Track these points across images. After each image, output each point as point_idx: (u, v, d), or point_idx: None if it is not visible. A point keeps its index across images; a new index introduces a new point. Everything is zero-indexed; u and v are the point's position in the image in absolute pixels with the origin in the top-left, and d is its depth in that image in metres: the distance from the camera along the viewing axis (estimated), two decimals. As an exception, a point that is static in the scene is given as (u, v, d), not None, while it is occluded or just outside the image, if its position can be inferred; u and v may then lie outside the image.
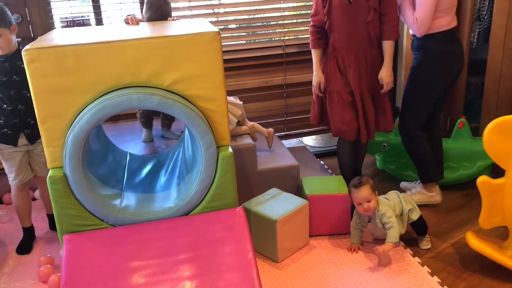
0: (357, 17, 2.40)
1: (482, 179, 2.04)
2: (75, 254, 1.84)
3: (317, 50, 2.58)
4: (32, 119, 2.20)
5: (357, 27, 2.42)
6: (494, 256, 2.08)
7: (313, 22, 2.53)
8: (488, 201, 2.07)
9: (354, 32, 2.43)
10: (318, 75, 2.58)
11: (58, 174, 1.84)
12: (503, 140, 1.96)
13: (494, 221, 2.09)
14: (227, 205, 2.00)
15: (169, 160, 2.38)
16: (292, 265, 2.27)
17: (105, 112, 1.80)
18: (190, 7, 3.05)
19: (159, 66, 1.85)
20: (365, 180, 2.25)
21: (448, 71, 2.50)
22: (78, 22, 2.94)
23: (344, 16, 2.42)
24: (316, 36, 2.54)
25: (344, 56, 2.49)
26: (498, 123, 1.96)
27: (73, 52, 1.77)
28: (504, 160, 1.99)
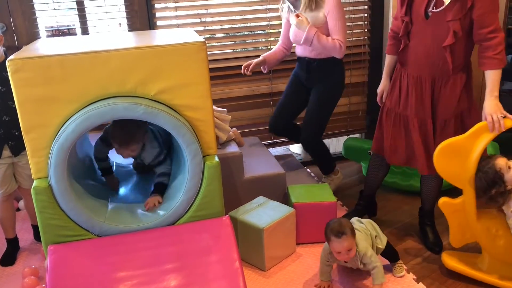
0: (433, 37, 2.05)
1: (442, 200, 2.11)
2: (60, 265, 1.82)
3: (390, 56, 2.35)
4: (17, 130, 2.16)
5: (432, 48, 2.07)
6: (471, 274, 2.13)
7: (392, 26, 2.30)
8: (453, 221, 2.11)
9: (426, 54, 2.09)
10: (383, 83, 2.40)
11: (43, 185, 1.83)
12: (452, 162, 2.00)
13: (464, 238, 2.13)
14: (214, 214, 2.00)
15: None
16: (279, 273, 2.27)
17: (91, 122, 1.80)
18: (176, 16, 3.06)
19: (145, 75, 1.86)
20: (346, 228, 1.96)
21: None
22: (63, 31, 2.93)
23: (418, 32, 2.10)
24: (392, 42, 2.31)
25: (410, 75, 2.20)
26: (443, 148, 2.01)
27: (58, 62, 1.77)
28: (458, 180, 2.02)
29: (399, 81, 2.25)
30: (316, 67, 2.73)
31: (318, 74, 2.75)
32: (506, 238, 2.00)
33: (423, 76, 2.14)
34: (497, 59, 1.97)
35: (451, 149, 2.00)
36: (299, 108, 2.94)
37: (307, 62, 2.74)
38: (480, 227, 2.03)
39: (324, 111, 2.84)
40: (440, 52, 2.04)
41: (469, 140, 1.98)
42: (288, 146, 3.96)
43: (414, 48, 2.13)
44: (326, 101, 2.82)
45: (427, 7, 2.02)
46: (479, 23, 1.96)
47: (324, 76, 2.76)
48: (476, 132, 1.97)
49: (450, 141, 2.01)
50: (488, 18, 1.94)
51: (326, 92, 2.80)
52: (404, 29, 2.13)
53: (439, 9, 1.98)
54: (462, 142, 1.98)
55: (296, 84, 2.90)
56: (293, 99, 2.91)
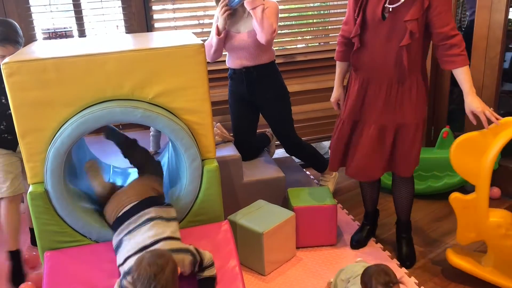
0: (389, 38, 1.99)
1: (454, 195, 2.08)
2: (56, 272, 1.78)
3: (341, 63, 2.26)
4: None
5: (388, 49, 2.01)
6: (475, 272, 2.09)
7: (342, 32, 2.19)
8: (462, 217, 2.08)
9: (382, 55, 2.03)
10: (337, 91, 2.30)
11: (39, 190, 1.80)
12: (468, 157, 1.98)
13: (471, 236, 2.10)
14: (213, 219, 1.97)
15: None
16: (279, 278, 2.25)
17: (87, 126, 1.77)
18: (174, 18, 3.03)
19: (143, 78, 1.83)
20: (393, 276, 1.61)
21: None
22: (60, 34, 2.90)
23: (373, 34, 2.02)
24: (342, 48, 2.21)
25: (365, 79, 2.12)
26: (461, 141, 1.99)
27: (53, 65, 1.74)
28: (472, 176, 2.00)
29: (353, 87, 2.16)
30: (256, 76, 2.66)
31: (261, 84, 2.68)
32: (515, 239, 1.97)
33: (378, 79, 2.07)
34: (464, 55, 1.96)
35: (468, 144, 1.97)
36: (254, 125, 2.89)
37: (246, 74, 2.65)
38: (490, 225, 2.00)
39: (286, 117, 2.81)
40: (397, 53, 1.99)
41: (487, 136, 1.94)
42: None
43: (369, 50, 2.05)
44: (282, 108, 2.77)
45: (384, 8, 1.96)
46: (439, 22, 1.93)
47: (267, 84, 2.70)
48: (495, 128, 1.93)
49: (469, 135, 1.98)
50: (446, 17, 1.94)
51: (279, 99, 2.75)
52: (355, 31, 2.04)
53: (395, 5, 1.92)
54: (480, 138, 1.94)
55: (239, 104, 2.79)
56: (245, 121, 2.83)
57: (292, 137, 2.85)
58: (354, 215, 2.80)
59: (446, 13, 1.94)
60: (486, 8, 2.77)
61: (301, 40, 3.36)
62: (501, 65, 2.83)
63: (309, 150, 2.96)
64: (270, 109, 2.77)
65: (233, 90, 2.79)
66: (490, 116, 1.90)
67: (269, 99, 2.73)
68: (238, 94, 2.77)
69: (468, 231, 2.09)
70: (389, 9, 1.95)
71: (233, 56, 2.67)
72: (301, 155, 2.99)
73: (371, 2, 1.99)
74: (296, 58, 3.31)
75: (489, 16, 2.77)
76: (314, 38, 3.49)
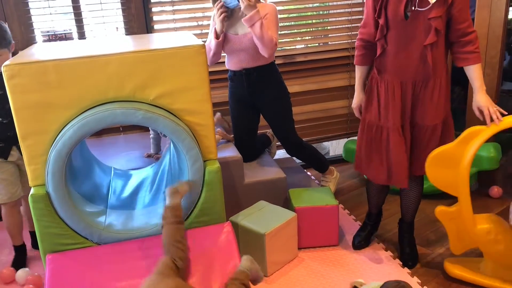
0: (414, 37, 1.95)
1: (439, 209, 2.09)
2: (58, 274, 1.78)
3: (362, 68, 2.19)
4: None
5: (412, 50, 1.97)
6: (474, 280, 2.10)
7: (361, 35, 2.13)
8: (451, 229, 2.08)
9: (407, 56, 1.98)
10: (358, 96, 2.22)
11: (40, 192, 1.79)
12: (444, 171, 1.98)
13: (464, 245, 2.10)
14: (215, 220, 1.97)
15: (154, 175, 2.34)
16: (281, 279, 2.24)
17: (89, 128, 1.76)
18: (174, 19, 3.03)
19: (144, 80, 1.82)
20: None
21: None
22: (60, 36, 2.90)
23: (397, 34, 1.98)
24: (362, 52, 2.14)
25: (389, 82, 2.06)
26: (434, 157, 1.98)
27: (54, 68, 1.74)
28: (452, 188, 2.00)
29: (377, 91, 2.10)
30: (256, 77, 2.64)
31: (261, 85, 2.67)
32: (506, 242, 1.97)
33: (404, 80, 2.02)
34: (478, 52, 1.96)
35: (442, 158, 1.97)
36: (255, 126, 2.88)
37: (246, 75, 2.64)
38: (479, 232, 2.00)
39: (287, 118, 2.79)
40: (421, 53, 1.96)
41: (459, 147, 1.94)
42: (287, 149, 3.93)
43: (394, 52, 2.00)
44: (283, 109, 2.77)
45: (406, 7, 1.92)
46: (458, 18, 1.92)
47: (267, 85, 2.69)
48: (465, 138, 1.93)
49: (440, 149, 1.97)
50: (465, 13, 1.93)
51: (279, 99, 2.74)
52: (380, 33, 2.00)
53: (425, 8, 1.88)
54: (453, 150, 1.94)
55: (240, 105, 2.78)
56: (245, 123, 2.82)
57: (293, 138, 2.85)
58: (355, 215, 2.79)
59: (465, 10, 1.93)
60: (486, 7, 2.77)
61: (301, 41, 3.36)
62: (501, 64, 2.83)
63: (310, 150, 2.95)
64: (270, 110, 2.76)
65: (233, 91, 2.78)
66: (492, 113, 1.91)
67: (269, 99, 2.73)
68: (239, 95, 2.76)
69: (459, 241, 2.09)
70: (412, 7, 1.91)
71: (233, 58, 2.66)
72: (302, 155, 2.98)
73: (392, 1, 1.94)
74: (295, 59, 3.31)
75: (489, 15, 2.77)
76: (313, 38, 3.48)
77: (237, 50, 2.60)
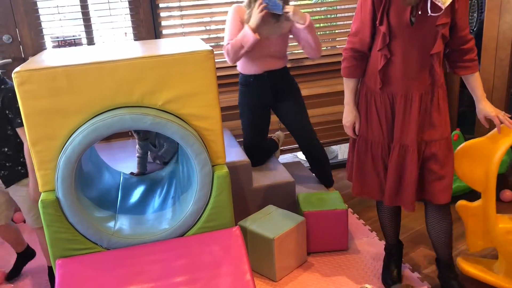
0: (420, 45, 1.80)
1: (460, 203, 2.07)
2: (68, 279, 1.79)
3: (352, 81, 1.97)
4: (6, 161, 2.09)
5: (420, 58, 1.82)
6: (487, 279, 2.07)
7: (352, 44, 1.91)
8: (470, 225, 2.07)
9: (415, 65, 1.82)
10: (352, 113, 1.99)
11: (50, 198, 1.80)
12: (472, 165, 1.97)
13: (480, 243, 2.09)
14: (223, 225, 1.96)
15: (163, 180, 2.35)
16: (290, 284, 2.23)
17: (98, 134, 1.77)
18: (182, 24, 3.05)
19: (152, 85, 1.83)
20: None
21: None
22: (69, 42, 2.92)
23: (402, 42, 1.81)
24: (353, 63, 1.93)
25: (390, 95, 1.89)
26: (464, 149, 1.97)
27: (64, 74, 1.75)
28: (477, 183, 1.99)
29: (375, 106, 1.93)
30: (280, 76, 2.68)
31: (284, 83, 2.70)
32: (525, 244, 1.95)
33: (409, 93, 1.85)
34: (477, 60, 1.90)
35: (472, 151, 1.95)
36: (267, 130, 2.90)
37: (269, 77, 2.66)
38: (499, 231, 1.98)
39: (307, 116, 2.83)
40: (427, 62, 1.82)
41: (489, 142, 1.93)
42: (296, 153, 3.93)
43: (398, 62, 1.83)
44: (303, 105, 2.82)
45: (412, 12, 1.77)
46: (461, 25, 1.83)
47: (290, 85, 2.74)
48: (496, 134, 1.92)
49: (472, 142, 1.96)
50: (466, 20, 1.86)
51: (299, 96, 2.79)
52: (382, 42, 1.82)
53: (437, 14, 1.73)
54: (484, 144, 1.93)
55: (256, 109, 2.76)
56: (260, 125, 2.83)
57: (313, 137, 2.84)
58: (365, 220, 2.78)
59: (467, 16, 1.86)
60: (495, 9, 2.75)
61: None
62: (511, 67, 2.81)
63: (324, 156, 2.90)
64: (293, 109, 2.76)
65: (251, 95, 2.74)
66: (503, 120, 1.87)
67: (292, 98, 2.75)
68: (257, 98, 2.73)
69: (477, 238, 2.08)
70: (418, 12, 1.76)
71: (257, 62, 2.62)
72: (317, 159, 2.89)
73: (396, 6, 1.78)
74: (303, 63, 3.31)
75: (498, 17, 2.75)
76: (321, 42, 3.47)
77: (265, 55, 2.60)
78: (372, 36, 1.88)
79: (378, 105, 1.92)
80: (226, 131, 3.02)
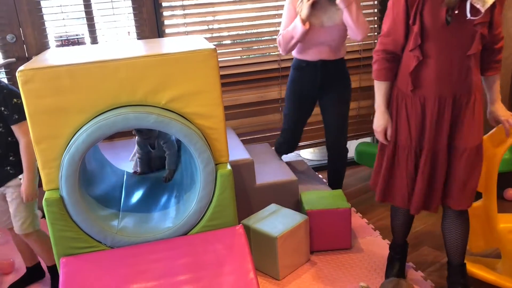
0: (456, 45, 1.72)
1: None
2: (72, 277, 1.79)
3: (385, 84, 1.88)
4: None
5: (455, 59, 1.74)
6: (490, 280, 2.06)
7: (383, 45, 1.83)
8: (472, 225, 2.05)
9: (449, 67, 1.74)
10: (384, 117, 1.90)
11: (54, 196, 1.81)
12: None
13: (482, 244, 2.09)
14: (227, 223, 1.97)
15: (166, 178, 2.35)
16: (293, 282, 2.24)
17: (102, 132, 1.78)
18: (185, 23, 3.05)
19: (155, 84, 1.83)
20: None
21: None
22: (73, 41, 2.93)
23: (437, 42, 1.73)
24: (385, 65, 1.84)
25: (422, 98, 1.81)
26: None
27: (67, 72, 1.75)
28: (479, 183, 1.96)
29: (405, 109, 1.85)
30: (333, 66, 2.62)
31: (336, 75, 2.65)
32: (527, 243, 1.95)
33: (443, 96, 1.77)
34: (501, 60, 1.85)
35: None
36: (307, 120, 2.88)
37: (322, 67, 2.60)
38: (501, 231, 1.98)
39: (347, 115, 2.78)
40: (463, 63, 1.73)
41: (491, 142, 1.93)
42: (298, 152, 3.93)
43: (432, 63, 1.75)
44: (347, 105, 2.76)
45: (448, 11, 1.69)
46: (496, 23, 1.74)
47: (341, 76, 2.68)
48: (496, 134, 1.93)
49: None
50: (500, 17, 1.77)
51: (346, 94, 2.73)
52: (414, 43, 1.75)
53: (477, 17, 1.65)
54: (484, 144, 1.91)
55: (302, 96, 2.73)
56: (305, 119, 2.81)
57: (343, 140, 2.81)
58: (368, 219, 2.78)
59: (501, 13, 1.76)
60: (499, 7, 2.74)
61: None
62: (515, 65, 2.80)
63: (345, 160, 2.88)
64: (337, 105, 2.72)
65: (300, 80, 2.68)
66: None
67: (338, 94, 2.70)
68: (305, 85, 2.68)
69: (479, 239, 2.07)
70: (454, 12, 1.68)
71: (312, 49, 2.57)
72: (338, 160, 2.86)
73: (430, 5, 1.70)
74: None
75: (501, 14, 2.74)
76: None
77: (319, 43, 2.54)
78: (405, 36, 1.80)
79: (409, 108, 1.84)
80: (230, 130, 3.02)
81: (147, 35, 2.99)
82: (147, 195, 2.28)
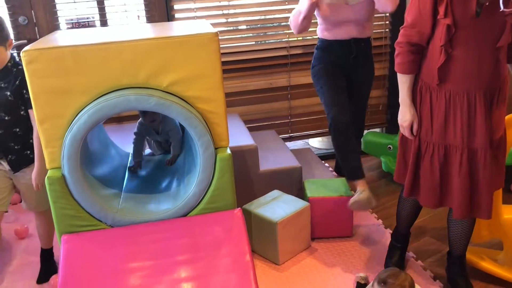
0: (486, 38, 1.67)
1: None
2: (73, 254, 1.84)
3: (409, 77, 1.82)
4: (16, 144, 2.05)
5: (485, 52, 1.68)
6: (491, 270, 2.06)
7: (407, 37, 1.77)
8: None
9: (479, 60, 1.69)
10: (410, 111, 1.85)
11: (56, 175, 1.85)
12: None
13: (485, 234, 2.06)
14: (226, 206, 1.99)
15: (169, 161, 2.38)
16: (293, 268, 2.25)
17: (103, 113, 1.80)
18: (194, 8, 3.05)
19: (157, 67, 1.85)
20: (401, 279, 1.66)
21: None
22: (83, 24, 2.96)
23: (466, 35, 1.68)
24: (410, 57, 1.78)
25: (449, 93, 1.76)
26: None
27: (71, 53, 1.78)
28: None
29: (430, 103, 1.80)
30: (364, 47, 2.56)
31: (366, 55, 2.61)
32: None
33: (472, 91, 1.71)
34: None
35: None
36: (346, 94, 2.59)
37: (354, 43, 2.51)
38: (504, 222, 1.96)
39: (368, 97, 2.79)
40: (493, 56, 1.68)
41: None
42: (307, 140, 3.92)
43: (462, 57, 1.69)
44: (370, 88, 2.75)
45: (478, 2, 1.62)
46: None
47: (369, 57, 2.65)
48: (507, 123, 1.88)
49: None
50: None
51: (372, 75, 2.71)
52: (446, 36, 1.67)
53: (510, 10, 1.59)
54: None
55: (338, 75, 2.55)
56: (345, 93, 2.55)
57: (364, 120, 2.85)
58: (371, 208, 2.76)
59: None
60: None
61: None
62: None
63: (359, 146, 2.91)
64: (364, 84, 2.69)
65: (333, 58, 2.55)
66: None
67: (367, 73, 2.68)
68: (337, 65, 2.56)
69: (481, 229, 2.05)
70: (485, 3, 1.62)
71: (341, 27, 2.49)
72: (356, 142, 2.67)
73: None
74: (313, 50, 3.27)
75: None
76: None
77: (346, 21, 2.47)
78: (432, 28, 1.73)
79: (434, 102, 1.79)
80: (235, 116, 3.03)
81: (156, 19, 3.01)
82: (149, 177, 2.31)
